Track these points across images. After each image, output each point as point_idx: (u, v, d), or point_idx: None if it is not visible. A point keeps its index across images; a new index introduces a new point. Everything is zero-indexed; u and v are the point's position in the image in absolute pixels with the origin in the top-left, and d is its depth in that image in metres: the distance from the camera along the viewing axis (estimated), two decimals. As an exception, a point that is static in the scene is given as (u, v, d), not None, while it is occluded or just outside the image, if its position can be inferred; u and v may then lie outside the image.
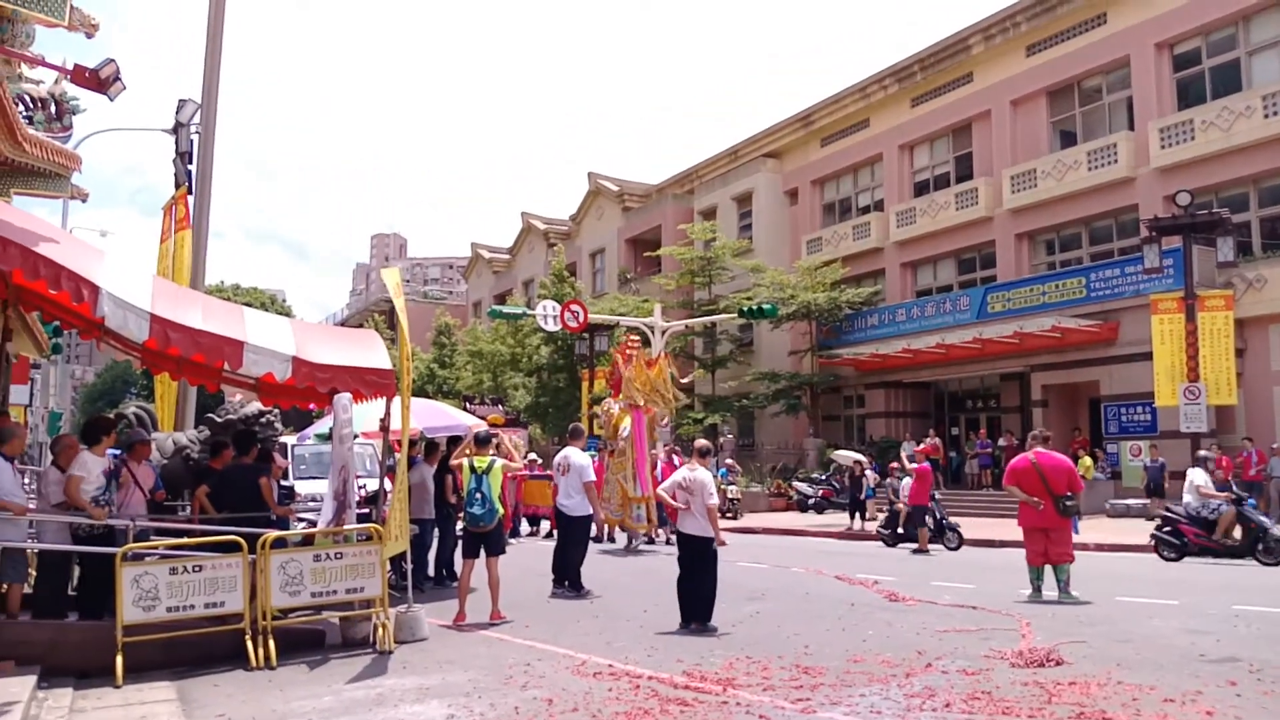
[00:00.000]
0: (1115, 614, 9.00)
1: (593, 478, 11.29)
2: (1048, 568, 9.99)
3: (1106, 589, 10.52)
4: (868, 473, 20.87)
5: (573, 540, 11.15)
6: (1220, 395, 19.08)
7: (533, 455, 21.56)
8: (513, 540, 17.29)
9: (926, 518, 16.06)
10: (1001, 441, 25.30)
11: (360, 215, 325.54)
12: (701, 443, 9.51)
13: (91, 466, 7.85)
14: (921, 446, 20.06)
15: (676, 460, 17.17)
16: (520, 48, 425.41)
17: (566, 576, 10.94)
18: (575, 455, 11.32)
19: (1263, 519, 14.49)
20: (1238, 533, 14.21)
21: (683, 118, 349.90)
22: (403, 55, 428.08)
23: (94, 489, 7.81)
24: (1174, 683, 6.18)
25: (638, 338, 22.96)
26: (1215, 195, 22.41)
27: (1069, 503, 9.89)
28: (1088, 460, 22.36)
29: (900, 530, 16.72)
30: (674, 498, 8.70)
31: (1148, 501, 20.43)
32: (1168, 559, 14.22)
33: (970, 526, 19.07)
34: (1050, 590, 9.89)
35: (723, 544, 8.68)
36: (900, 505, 16.79)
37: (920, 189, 31.18)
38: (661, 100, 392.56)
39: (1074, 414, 25.72)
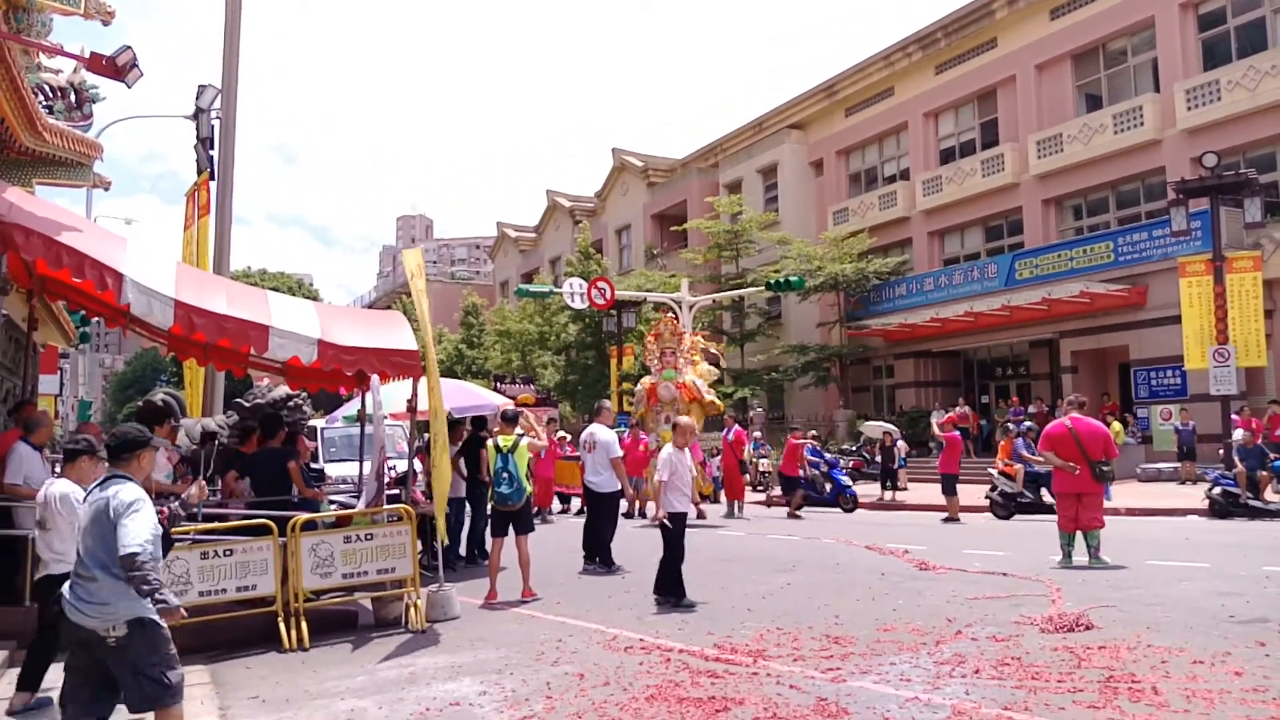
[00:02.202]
0: (1145, 578, 8.93)
1: (619, 453, 11.31)
2: (1079, 533, 9.93)
3: (1137, 553, 10.43)
4: (899, 443, 20.79)
5: (602, 517, 11.18)
6: (1250, 357, 18.80)
7: (563, 434, 21.45)
8: (551, 518, 17.43)
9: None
10: (1031, 409, 25.08)
11: (385, 198, 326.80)
12: (685, 421, 9.45)
13: (157, 457, 8.12)
14: (949, 415, 19.95)
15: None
16: (543, 25, 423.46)
17: (597, 553, 10.99)
18: (601, 432, 11.35)
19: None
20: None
21: (706, 90, 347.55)
22: (425, 35, 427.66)
23: (163, 476, 8.05)
24: (1203, 644, 6.14)
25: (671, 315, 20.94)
26: (1242, 156, 22.01)
27: (1105, 468, 9.82)
28: (1118, 425, 22.12)
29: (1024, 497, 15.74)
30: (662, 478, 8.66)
31: (1179, 465, 20.25)
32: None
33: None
34: (1080, 556, 9.83)
35: (702, 516, 8.69)
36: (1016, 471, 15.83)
37: (946, 157, 30.84)
38: (685, 73, 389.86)
39: (1103, 379, 25.46)
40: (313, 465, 11.30)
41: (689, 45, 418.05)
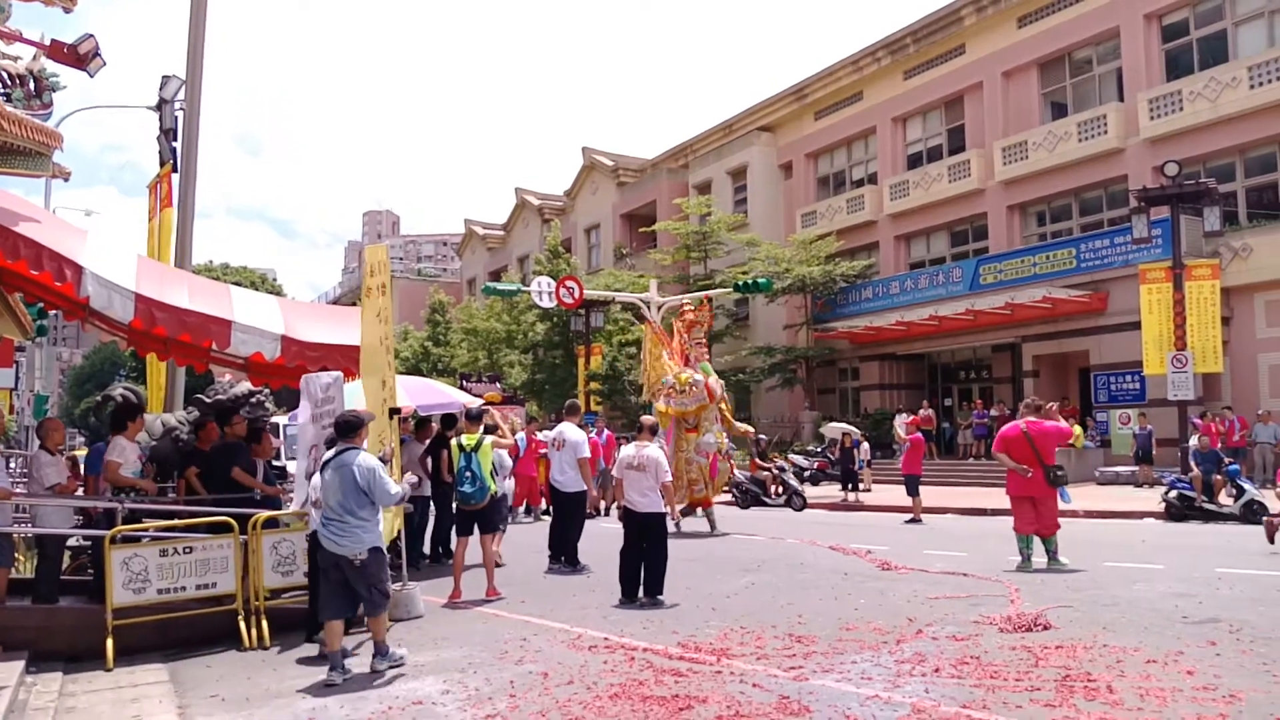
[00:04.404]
0: (1102, 579, 9.09)
1: (587, 454, 11.30)
2: (1035, 536, 10.04)
3: (1095, 555, 10.62)
4: (862, 445, 20.99)
5: (569, 516, 11.16)
6: (1207, 363, 19.19)
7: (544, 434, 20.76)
8: (527, 519, 17.29)
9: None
10: (993, 411, 25.42)
11: (352, 192, 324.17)
12: (650, 419, 9.49)
13: (128, 452, 8.11)
14: (912, 418, 20.12)
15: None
16: (513, 23, 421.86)
17: (564, 552, 10.98)
18: (570, 431, 11.33)
19: (1245, 483, 14.78)
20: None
21: (677, 91, 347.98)
22: (394, 30, 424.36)
23: (130, 472, 7.98)
24: (1157, 644, 6.27)
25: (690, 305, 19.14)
26: (1203, 165, 22.45)
27: (1059, 473, 9.91)
28: (1078, 429, 22.47)
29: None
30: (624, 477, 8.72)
31: (1136, 469, 20.60)
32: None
33: (963, 496, 19.25)
34: (1039, 558, 9.96)
35: (675, 519, 8.74)
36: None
37: (913, 161, 31.14)
38: (655, 74, 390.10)
39: (1064, 383, 25.84)
40: (275, 463, 11.16)
41: (660, 46, 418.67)
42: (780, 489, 19.59)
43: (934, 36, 29.57)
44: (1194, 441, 16.24)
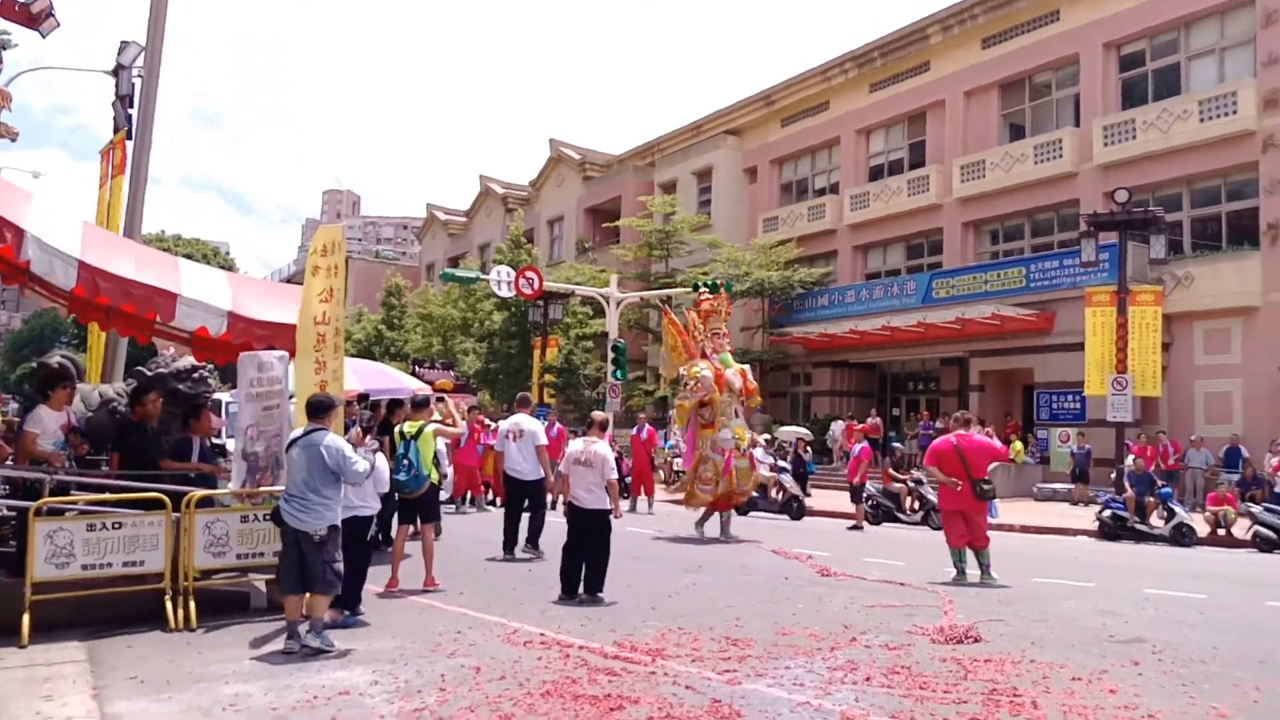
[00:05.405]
0: (1033, 594, 9.27)
1: (545, 442, 11.36)
2: (968, 550, 10.14)
3: (1028, 570, 10.81)
4: (809, 449, 21.16)
5: (531, 505, 11.29)
6: (1146, 387, 19.65)
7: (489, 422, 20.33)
8: (470, 509, 17.12)
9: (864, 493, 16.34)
10: (939, 424, 25.77)
11: (312, 170, 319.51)
12: (600, 415, 9.50)
13: (48, 422, 7.71)
14: (862, 425, 20.37)
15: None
16: (485, 9, 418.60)
17: (529, 539, 11.22)
18: (527, 421, 11.40)
19: (1176, 506, 15.21)
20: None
21: (647, 89, 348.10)
22: (362, 7, 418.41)
23: (50, 444, 7.63)
24: (1082, 661, 6.40)
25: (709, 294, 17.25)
26: (1151, 194, 22.97)
27: (985, 486, 9.98)
28: (1018, 444, 22.91)
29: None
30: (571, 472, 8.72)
31: (1073, 487, 21.05)
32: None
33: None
34: (973, 570, 10.10)
35: (619, 516, 8.77)
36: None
37: (875, 174, 31.48)
38: (626, 71, 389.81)
39: (1008, 399, 26.32)
40: (215, 441, 10.93)
41: (632, 44, 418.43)
42: (917, 503, 17.23)
43: (900, 52, 29.91)
44: (1129, 463, 16.66)
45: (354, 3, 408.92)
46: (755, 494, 16.49)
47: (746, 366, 15.64)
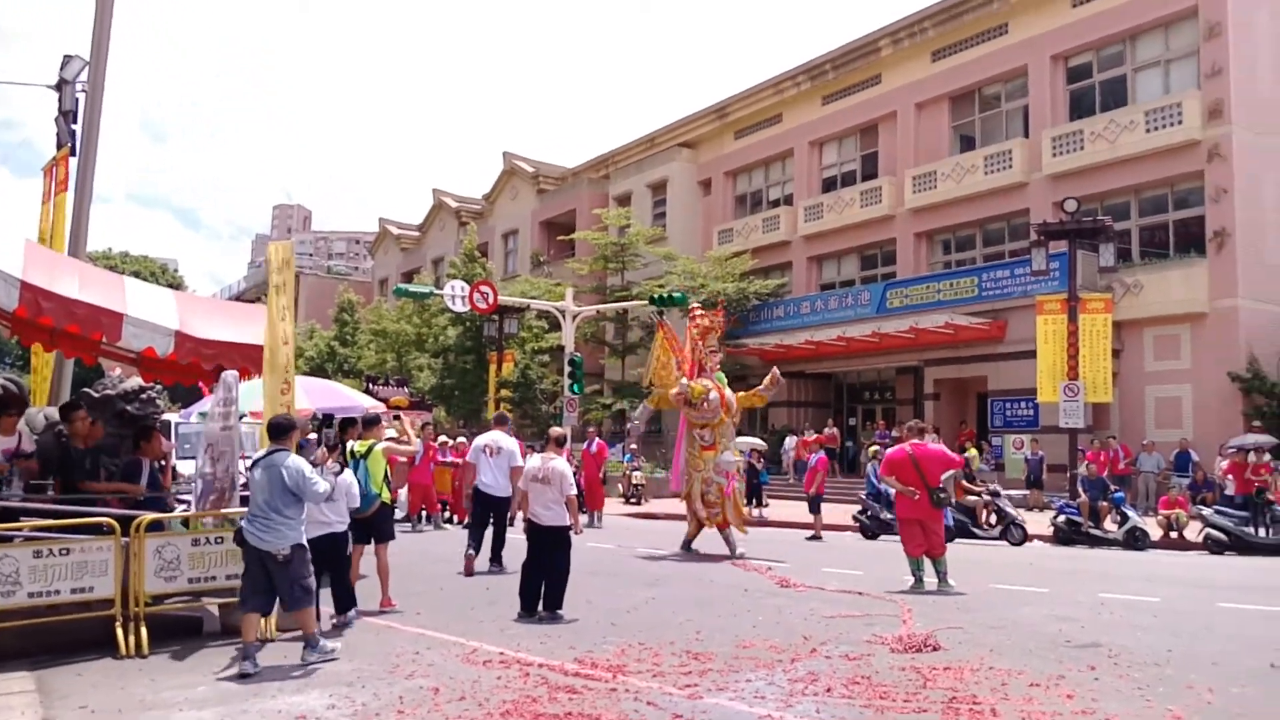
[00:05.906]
0: (990, 601, 9.37)
1: (521, 463, 11.25)
2: (925, 558, 10.24)
3: (984, 577, 10.93)
4: (762, 460, 21.25)
5: (496, 521, 11.34)
6: (1098, 393, 20.02)
7: (445, 439, 20.34)
8: (427, 527, 16.96)
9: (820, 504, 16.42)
10: (895, 433, 26.03)
11: (261, 185, 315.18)
12: (558, 431, 9.47)
13: None
14: (817, 436, 20.49)
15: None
16: (435, 21, 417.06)
17: (493, 555, 11.29)
18: (505, 439, 11.38)
19: (1129, 510, 15.49)
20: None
21: (600, 102, 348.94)
22: (313, 21, 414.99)
23: None
24: (1040, 667, 6.47)
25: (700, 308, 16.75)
26: (1100, 203, 23.51)
27: (942, 494, 10.11)
28: (973, 452, 23.20)
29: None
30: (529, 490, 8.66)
31: (1027, 493, 21.37)
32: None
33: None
34: (930, 578, 10.19)
35: (579, 532, 8.74)
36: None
37: (828, 185, 31.84)
38: (579, 84, 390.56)
39: (963, 407, 26.67)
40: (162, 463, 10.69)
41: (584, 56, 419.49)
42: (995, 518, 16.46)
43: (852, 65, 30.33)
44: (1082, 469, 16.94)
45: (302, 14, 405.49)
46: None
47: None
